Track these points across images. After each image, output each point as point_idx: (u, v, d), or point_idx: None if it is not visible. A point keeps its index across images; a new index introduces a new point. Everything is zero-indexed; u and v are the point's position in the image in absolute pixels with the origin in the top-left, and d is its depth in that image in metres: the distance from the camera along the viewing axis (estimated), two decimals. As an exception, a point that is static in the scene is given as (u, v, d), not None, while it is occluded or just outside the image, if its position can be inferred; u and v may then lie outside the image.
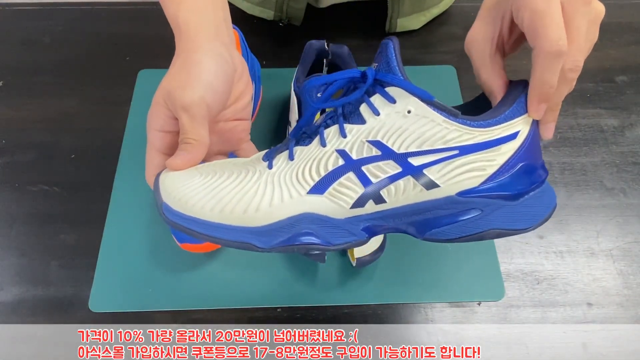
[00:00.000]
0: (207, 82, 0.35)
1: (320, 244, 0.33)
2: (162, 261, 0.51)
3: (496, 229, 0.33)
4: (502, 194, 0.33)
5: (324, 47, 0.56)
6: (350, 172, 0.33)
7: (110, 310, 0.48)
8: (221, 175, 0.34)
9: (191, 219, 0.33)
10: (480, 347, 0.47)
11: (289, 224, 0.33)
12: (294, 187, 0.33)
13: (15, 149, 0.59)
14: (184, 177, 0.34)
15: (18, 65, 0.66)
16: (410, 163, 0.32)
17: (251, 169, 0.34)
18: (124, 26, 0.70)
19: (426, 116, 0.32)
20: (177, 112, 0.35)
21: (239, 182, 0.33)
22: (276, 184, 0.33)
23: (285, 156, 0.35)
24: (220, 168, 0.35)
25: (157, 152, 0.37)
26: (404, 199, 0.33)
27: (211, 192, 0.33)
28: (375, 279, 0.50)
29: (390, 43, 0.33)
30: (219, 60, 0.36)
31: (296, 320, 0.48)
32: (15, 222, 0.54)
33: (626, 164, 0.58)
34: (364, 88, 0.33)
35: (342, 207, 0.33)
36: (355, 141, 0.33)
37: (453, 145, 0.32)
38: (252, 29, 0.68)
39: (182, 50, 0.36)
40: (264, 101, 0.62)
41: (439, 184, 0.33)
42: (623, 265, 0.52)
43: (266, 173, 0.34)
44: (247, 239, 0.33)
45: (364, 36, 0.69)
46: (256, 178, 0.33)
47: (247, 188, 0.33)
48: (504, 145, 0.32)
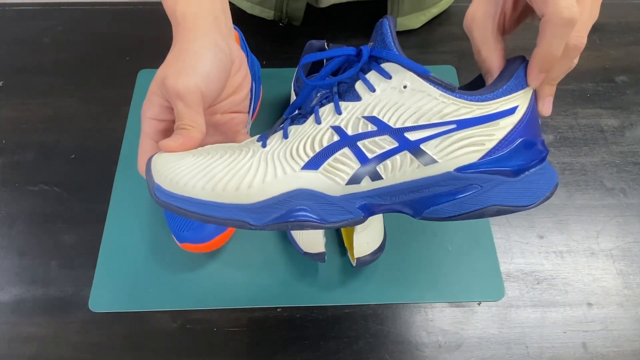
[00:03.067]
0: (203, 70, 0.35)
1: (314, 220, 0.32)
2: (162, 261, 0.51)
3: (496, 205, 0.33)
4: (502, 170, 0.32)
5: (324, 47, 0.56)
6: (345, 148, 0.32)
7: (110, 310, 0.48)
8: (214, 155, 0.33)
9: (183, 198, 0.32)
10: (479, 347, 0.47)
11: (283, 200, 0.32)
12: (287, 164, 0.32)
13: (15, 149, 0.59)
14: (175, 158, 0.33)
15: (18, 65, 0.66)
16: (406, 138, 0.32)
17: (244, 149, 0.34)
18: (124, 26, 0.70)
19: (422, 90, 0.32)
20: (172, 100, 0.34)
21: (232, 161, 0.33)
22: (269, 160, 0.33)
23: (280, 135, 0.34)
24: (214, 149, 0.34)
25: (151, 140, 0.36)
26: (401, 176, 0.33)
27: (203, 171, 0.32)
28: (375, 279, 0.50)
29: (385, 21, 0.33)
30: (216, 50, 0.36)
31: (296, 320, 0.48)
32: (15, 222, 0.54)
33: (626, 164, 0.58)
34: (359, 65, 0.33)
35: (338, 183, 0.32)
36: (351, 117, 0.33)
37: (450, 120, 0.31)
38: (252, 29, 0.68)
39: (178, 41, 0.36)
40: (264, 101, 0.62)
41: (437, 159, 0.32)
42: (623, 265, 0.52)
43: (260, 151, 0.33)
44: (240, 216, 0.32)
45: (364, 36, 0.69)
46: (250, 156, 0.33)
47: (239, 166, 0.32)
48: (503, 120, 0.32)
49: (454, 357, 0.47)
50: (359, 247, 0.46)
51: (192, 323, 0.48)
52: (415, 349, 0.47)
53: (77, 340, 0.47)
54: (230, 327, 0.48)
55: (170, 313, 0.49)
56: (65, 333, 0.48)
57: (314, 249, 0.47)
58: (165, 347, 0.47)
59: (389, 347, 0.47)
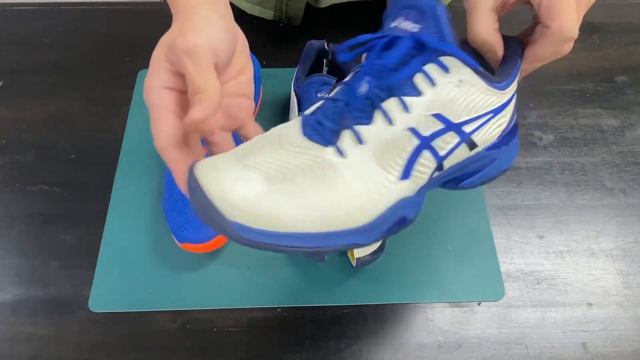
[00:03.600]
0: (212, 31, 0.33)
1: (409, 222, 0.34)
2: (162, 261, 0.51)
3: (503, 169, 0.39)
4: (506, 142, 0.37)
5: (324, 47, 0.56)
6: (425, 151, 0.33)
7: (110, 310, 0.48)
8: (292, 178, 0.30)
9: (285, 235, 0.29)
10: (479, 347, 0.47)
11: (390, 213, 0.32)
12: (383, 177, 0.32)
13: (15, 149, 0.59)
14: (249, 188, 0.29)
15: (18, 65, 0.66)
16: (464, 131, 0.33)
17: (318, 161, 0.31)
18: (124, 26, 0.70)
19: (474, 85, 0.33)
20: (181, 61, 0.31)
21: (325, 183, 0.30)
22: (365, 175, 0.31)
23: (352, 140, 0.31)
24: (274, 168, 0.30)
25: (165, 112, 0.32)
26: (454, 162, 0.35)
27: (297, 201, 0.29)
28: (375, 279, 0.50)
29: (438, 7, 0.32)
30: (222, 18, 0.34)
31: (296, 320, 0.48)
32: (15, 222, 0.54)
33: (626, 164, 0.58)
34: (424, 57, 0.32)
35: (420, 184, 0.34)
36: (419, 116, 0.32)
37: (491, 109, 0.34)
38: (252, 29, 0.68)
39: (180, 13, 0.34)
40: (264, 101, 0.62)
41: (478, 144, 0.35)
42: (623, 265, 0.52)
43: (343, 164, 0.31)
44: (350, 240, 0.31)
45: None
46: (337, 173, 0.31)
47: (339, 189, 0.30)
48: (511, 103, 0.36)
49: (454, 357, 0.47)
50: (359, 247, 0.46)
51: (192, 323, 0.48)
52: (415, 349, 0.47)
53: (77, 340, 0.47)
54: (230, 327, 0.48)
55: (170, 313, 0.49)
56: (65, 333, 0.48)
57: (314, 249, 0.47)
58: (165, 347, 0.47)
59: (389, 347, 0.47)
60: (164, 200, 0.50)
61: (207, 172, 0.29)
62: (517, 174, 0.57)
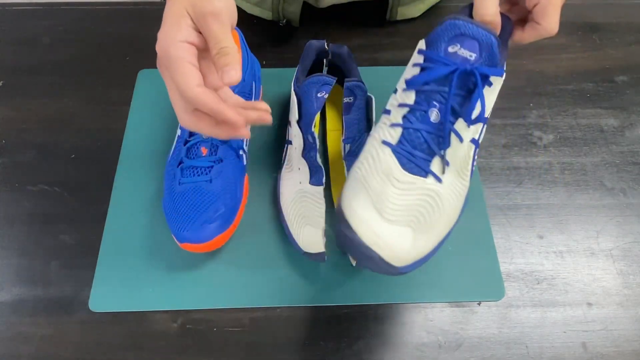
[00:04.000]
0: None
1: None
2: (162, 261, 0.51)
3: None
4: None
5: (324, 47, 0.56)
6: (477, 149, 0.40)
7: (110, 310, 0.48)
8: (422, 218, 0.37)
9: (423, 260, 0.38)
10: (479, 347, 0.47)
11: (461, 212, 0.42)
12: (463, 185, 0.40)
13: (15, 149, 0.59)
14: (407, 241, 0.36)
15: (18, 65, 0.66)
16: (487, 118, 0.40)
17: (427, 192, 0.38)
18: (124, 26, 0.70)
19: (498, 84, 0.39)
20: (206, 20, 0.34)
21: (438, 210, 0.38)
22: (455, 191, 0.39)
23: (440, 164, 0.38)
24: (407, 214, 0.37)
25: (189, 65, 0.35)
26: None
27: (433, 233, 0.38)
28: (375, 279, 0.50)
29: (493, 40, 0.37)
30: None
31: (296, 320, 0.48)
32: (15, 222, 0.54)
33: (626, 164, 0.58)
34: (484, 82, 0.38)
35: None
36: (477, 127, 0.39)
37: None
38: (252, 29, 0.68)
39: None
40: (263, 101, 0.62)
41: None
42: (623, 265, 0.52)
43: (442, 188, 0.38)
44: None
45: (364, 36, 0.69)
46: (441, 197, 0.38)
47: (446, 209, 0.38)
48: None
49: (454, 357, 0.47)
50: (359, 247, 0.46)
51: (192, 323, 0.48)
52: (415, 349, 0.47)
53: (77, 340, 0.47)
54: (230, 327, 0.48)
55: (170, 313, 0.49)
56: (65, 333, 0.48)
57: (314, 249, 0.47)
58: (165, 347, 0.47)
59: (389, 347, 0.47)
60: (164, 200, 0.50)
61: (367, 232, 0.36)
62: (517, 174, 0.57)
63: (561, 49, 0.68)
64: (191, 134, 0.51)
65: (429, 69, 0.37)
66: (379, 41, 0.68)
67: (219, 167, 0.50)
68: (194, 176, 0.49)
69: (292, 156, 0.52)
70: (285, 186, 0.52)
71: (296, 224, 0.49)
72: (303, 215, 0.49)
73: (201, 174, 0.50)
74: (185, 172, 0.50)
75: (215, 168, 0.50)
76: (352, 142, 0.51)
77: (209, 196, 0.48)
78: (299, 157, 0.51)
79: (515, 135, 0.61)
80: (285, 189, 0.52)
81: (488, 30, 0.36)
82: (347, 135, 0.52)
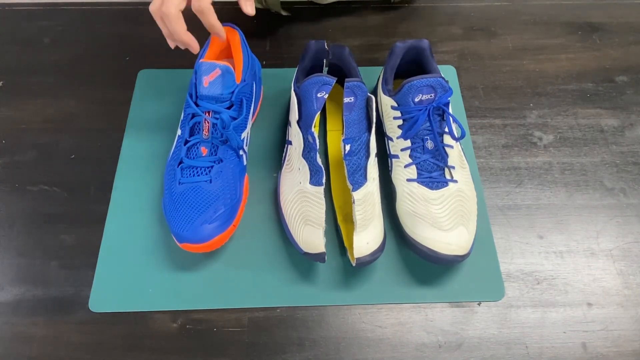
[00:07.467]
0: None
1: None
2: (162, 261, 0.51)
3: None
4: None
5: (324, 47, 0.56)
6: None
7: (110, 310, 0.48)
8: (462, 215, 0.49)
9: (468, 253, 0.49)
10: (479, 347, 0.47)
11: None
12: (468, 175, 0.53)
13: (15, 149, 0.59)
14: (465, 237, 0.48)
15: (18, 65, 0.66)
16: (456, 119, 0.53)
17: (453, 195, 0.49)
18: (124, 26, 0.70)
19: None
20: None
21: (467, 205, 0.50)
22: (468, 176, 0.52)
23: (450, 172, 0.50)
24: (451, 214, 0.48)
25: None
26: None
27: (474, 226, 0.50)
28: (375, 279, 0.50)
29: (441, 81, 0.50)
30: None
31: (296, 320, 0.48)
32: (15, 222, 0.54)
33: (626, 164, 0.58)
34: (447, 107, 0.51)
35: None
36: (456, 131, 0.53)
37: None
38: (252, 29, 0.68)
39: None
40: (264, 101, 0.62)
41: None
42: (623, 265, 0.52)
43: (461, 183, 0.50)
44: None
45: (364, 36, 0.69)
46: (464, 193, 0.50)
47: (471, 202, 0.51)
48: None
49: (454, 357, 0.47)
50: (359, 247, 0.46)
51: (192, 323, 0.48)
52: (415, 349, 0.47)
53: (77, 340, 0.47)
54: (230, 327, 0.48)
55: (170, 313, 0.49)
56: (65, 333, 0.48)
57: (314, 249, 0.47)
58: (165, 347, 0.47)
59: (389, 347, 0.47)
60: (164, 200, 0.50)
61: (442, 246, 0.47)
62: (517, 174, 0.57)
63: (561, 49, 0.68)
64: (191, 134, 0.51)
65: (412, 119, 0.50)
66: (379, 41, 0.68)
67: (219, 167, 0.50)
68: (193, 176, 0.49)
69: (292, 156, 0.52)
70: (285, 186, 0.52)
71: (296, 224, 0.49)
72: (303, 215, 0.49)
73: (201, 174, 0.50)
74: (185, 172, 0.50)
75: (215, 168, 0.50)
76: (352, 142, 0.51)
77: (208, 196, 0.48)
78: (299, 157, 0.51)
79: (515, 135, 0.61)
80: (285, 189, 0.52)
81: (434, 76, 0.49)
82: (348, 135, 0.52)
